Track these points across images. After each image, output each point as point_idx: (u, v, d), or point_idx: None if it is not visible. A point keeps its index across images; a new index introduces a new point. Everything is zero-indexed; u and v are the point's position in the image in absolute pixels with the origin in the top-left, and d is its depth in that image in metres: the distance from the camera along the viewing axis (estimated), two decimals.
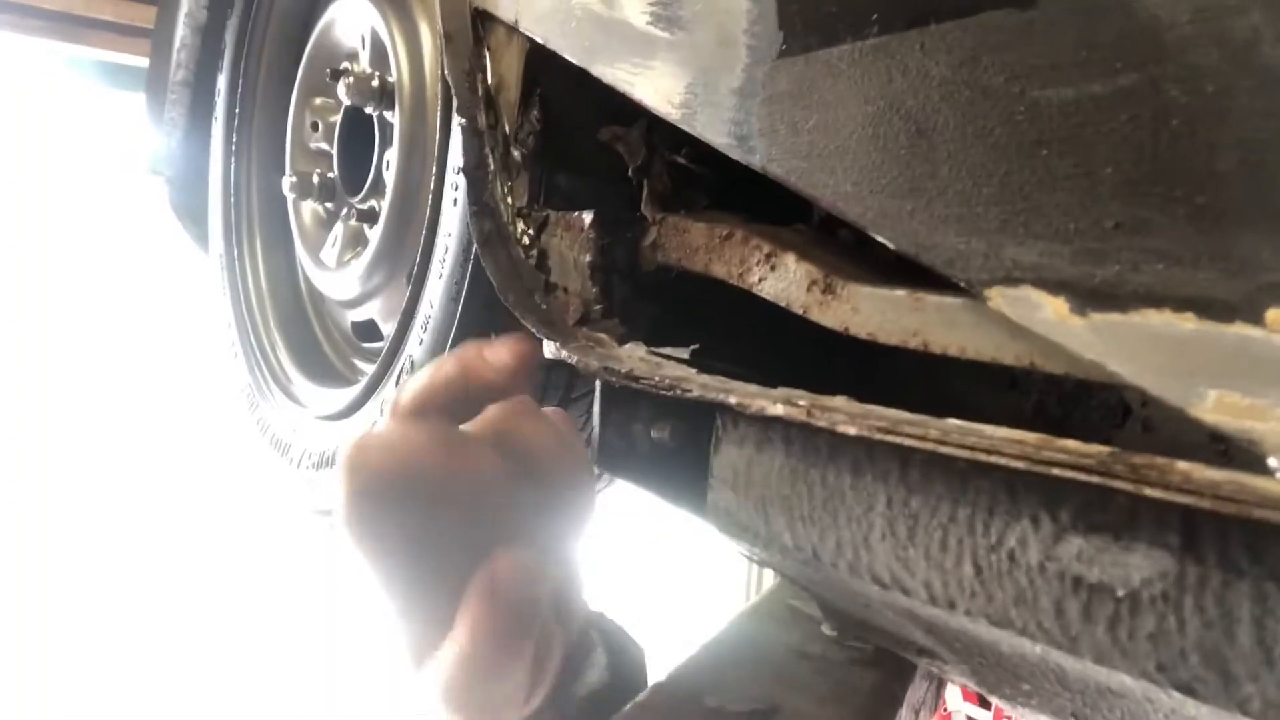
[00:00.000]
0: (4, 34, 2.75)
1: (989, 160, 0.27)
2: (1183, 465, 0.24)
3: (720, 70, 0.36)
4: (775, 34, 0.34)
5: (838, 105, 0.31)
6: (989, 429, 0.28)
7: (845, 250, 0.39)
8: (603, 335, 0.43)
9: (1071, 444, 0.26)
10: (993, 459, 0.28)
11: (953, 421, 0.29)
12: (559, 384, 0.83)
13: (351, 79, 0.97)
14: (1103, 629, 0.27)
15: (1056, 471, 0.26)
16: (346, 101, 1.00)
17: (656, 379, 0.39)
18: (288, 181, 1.13)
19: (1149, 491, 0.24)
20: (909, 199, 0.29)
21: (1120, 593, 0.27)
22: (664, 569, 3.17)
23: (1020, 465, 0.27)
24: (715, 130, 0.36)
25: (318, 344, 1.25)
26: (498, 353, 0.42)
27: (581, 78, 0.45)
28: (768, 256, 0.36)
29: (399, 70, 0.91)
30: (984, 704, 2.69)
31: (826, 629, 0.58)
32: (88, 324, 3.75)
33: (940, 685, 0.64)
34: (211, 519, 3.54)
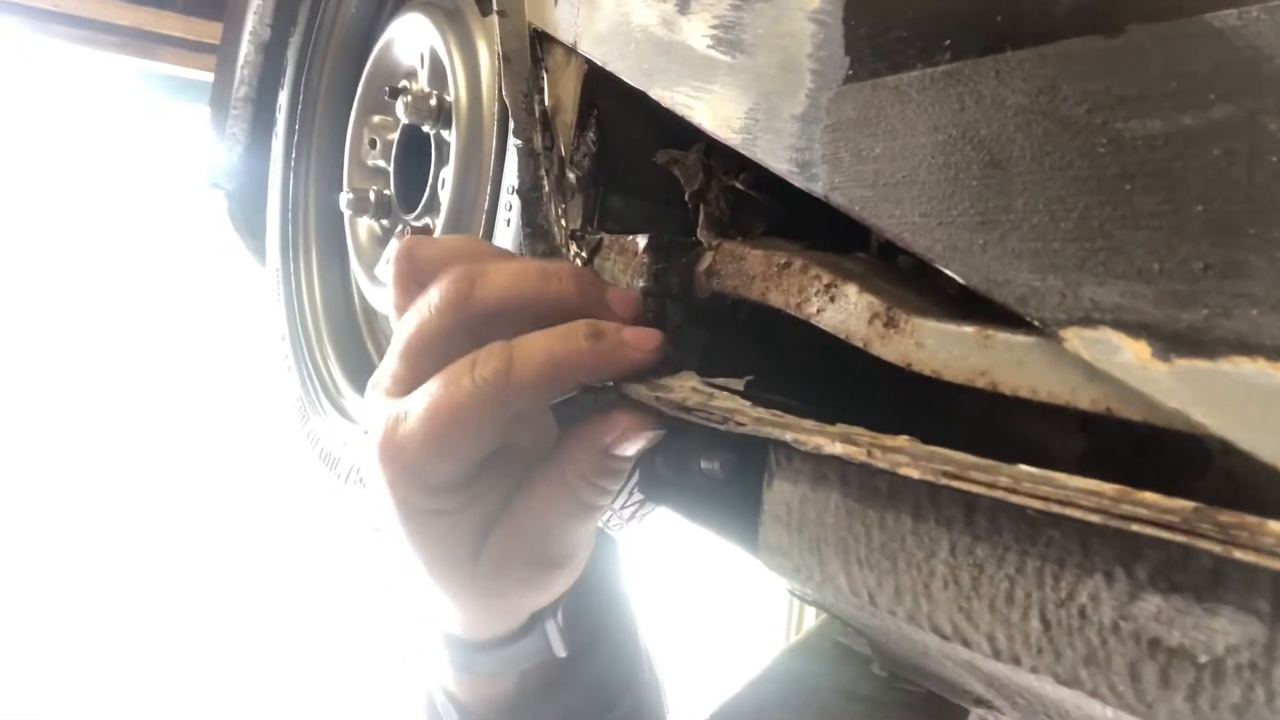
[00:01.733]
0: (79, 48, 2.84)
1: (1068, 194, 0.26)
2: (1276, 526, 0.22)
3: (783, 95, 0.35)
4: (842, 59, 0.33)
5: (906, 133, 0.30)
6: (1063, 477, 0.27)
7: (908, 281, 0.37)
8: None
9: (1152, 497, 0.25)
10: (1066, 510, 0.26)
11: (1024, 468, 0.27)
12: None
13: (410, 97, 0.98)
14: (1182, 697, 0.25)
15: (1136, 527, 0.24)
16: (404, 120, 1.01)
17: (709, 410, 0.38)
18: (345, 198, 1.14)
19: (1238, 554, 0.22)
20: (981, 232, 0.28)
21: (1203, 659, 0.25)
22: (705, 598, 3.14)
23: (1095, 519, 0.26)
24: (776, 156, 0.35)
25: (370, 360, 1.26)
26: (622, 301, 0.42)
27: (639, 101, 0.45)
28: (827, 287, 0.35)
29: (456, 89, 0.91)
30: None
31: (877, 669, 0.56)
32: (145, 334, 3.83)
33: None
34: (256, 530, 3.59)
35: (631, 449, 0.42)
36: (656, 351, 0.41)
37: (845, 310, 0.34)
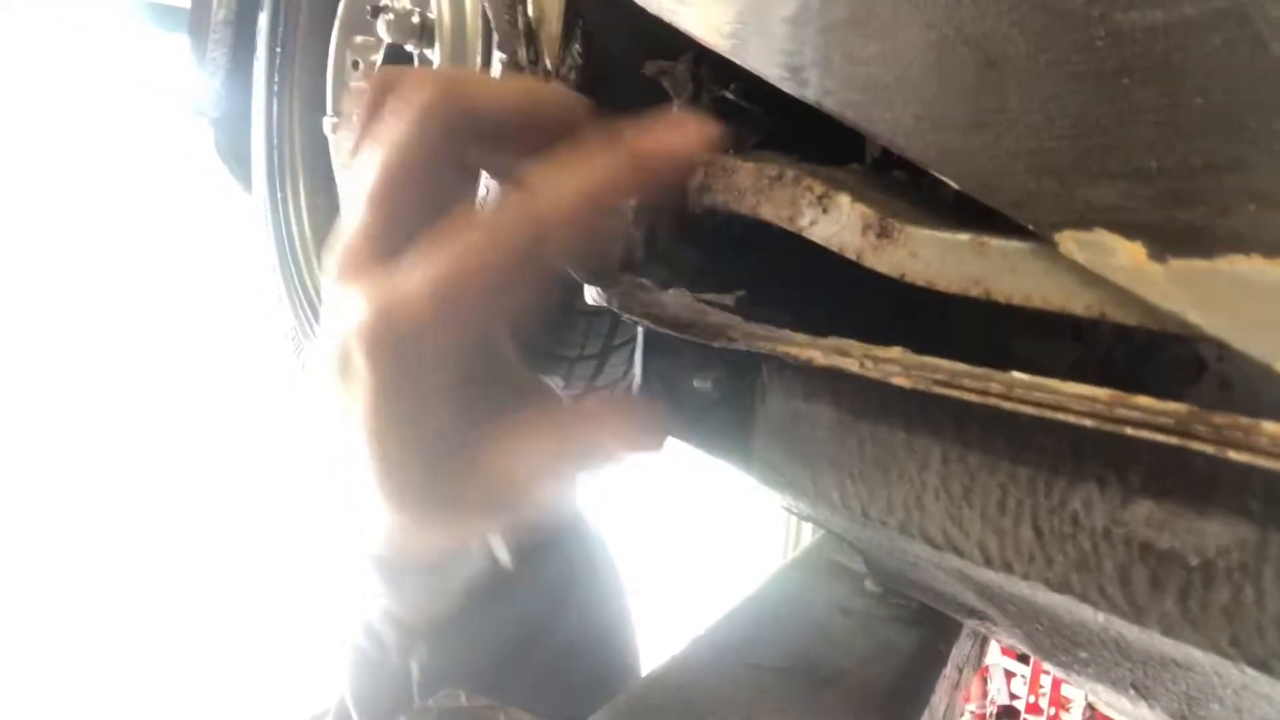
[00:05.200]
0: None
1: (1064, 92, 0.25)
2: (1270, 426, 0.22)
3: None
4: None
5: (898, 33, 0.29)
6: (1055, 383, 0.26)
7: (902, 191, 0.37)
8: (646, 280, 0.41)
9: (1146, 401, 0.24)
10: (1059, 415, 0.26)
11: (1017, 375, 0.27)
12: (601, 331, 0.82)
13: (391, 15, 0.96)
14: (1172, 599, 0.25)
15: (1129, 431, 0.24)
16: (387, 39, 0.98)
17: (701, 326, 0.37)
18: (329, 121, 1.12)
19: (1233, 454, 0.22)
20: (975, 134, 0.27)
21: (1193, 561, 0.25)
22: (702, 521, 3.17)
23: (1089, 423, 0.25)
24: (767, 62, 0.34)
25: None
26: (682, 133, 0.36)
27: (625, 9, 0.43)
28: (820, 198, 0.34)
29: (439, 6, 0.89)
30: (1022, 658, 2.68)
31: (870, 585, 0.57)
32: (130, 268, 3.80)
33: (985, 643, 0.63)
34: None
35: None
36: (707, 142, 0.35)
37: (838, 222, 0.34)
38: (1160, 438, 0.24)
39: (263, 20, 1.28)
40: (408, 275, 0.32)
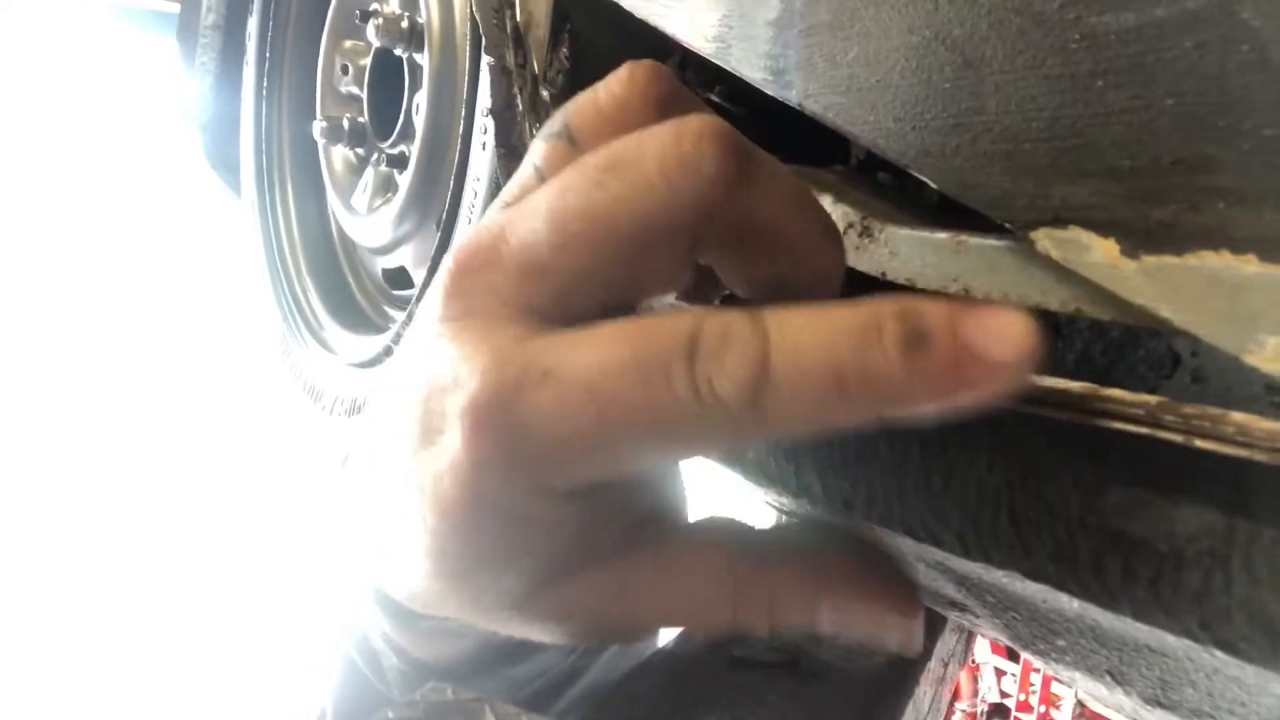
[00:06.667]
0: None
1: (1040, 93, 0.26)
2: (1237, 416, 0.23)
3: (756, 1, 0.35)
4: None
5: (880, 36, 0.30)
6: (1033, 378, 0.27)
7: (885, 192, 0.37)
8: None
9: (1118, 393, 0.25)
10: (1035, 409, 0.26)
11: None
12: None
13: (381, 20, 0.96)
14: (1144, 586, 0.26)
15: (1102, 422, 0.25)
16: (376, 43, 0.99)
17: None
18: (318, 126, 1.13)
19: (1200, 443, 0.23)
20: (953, 135, 0.28)
21: (1164, 548, 0.26)
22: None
23: (1064, 416, 0.26)
24: (750, 65, 0.35)
25: (349, 291, 1.25)
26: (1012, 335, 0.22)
27: (612, 13, 0.44)
28: None
29: (428, 10, 0.90)
30: (1012, 656, 2.69)
31: None
32: (125, 273, 3.78)
33: (970, 638, 0.63)
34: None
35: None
36: (1025, 369, 0.22)
37: None
38: (1132, 428, 0.24)
39: (252, 25, 1.28)
40: (562, 366, 0.24)
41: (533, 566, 0.28)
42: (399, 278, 1.12)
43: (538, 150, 0.30)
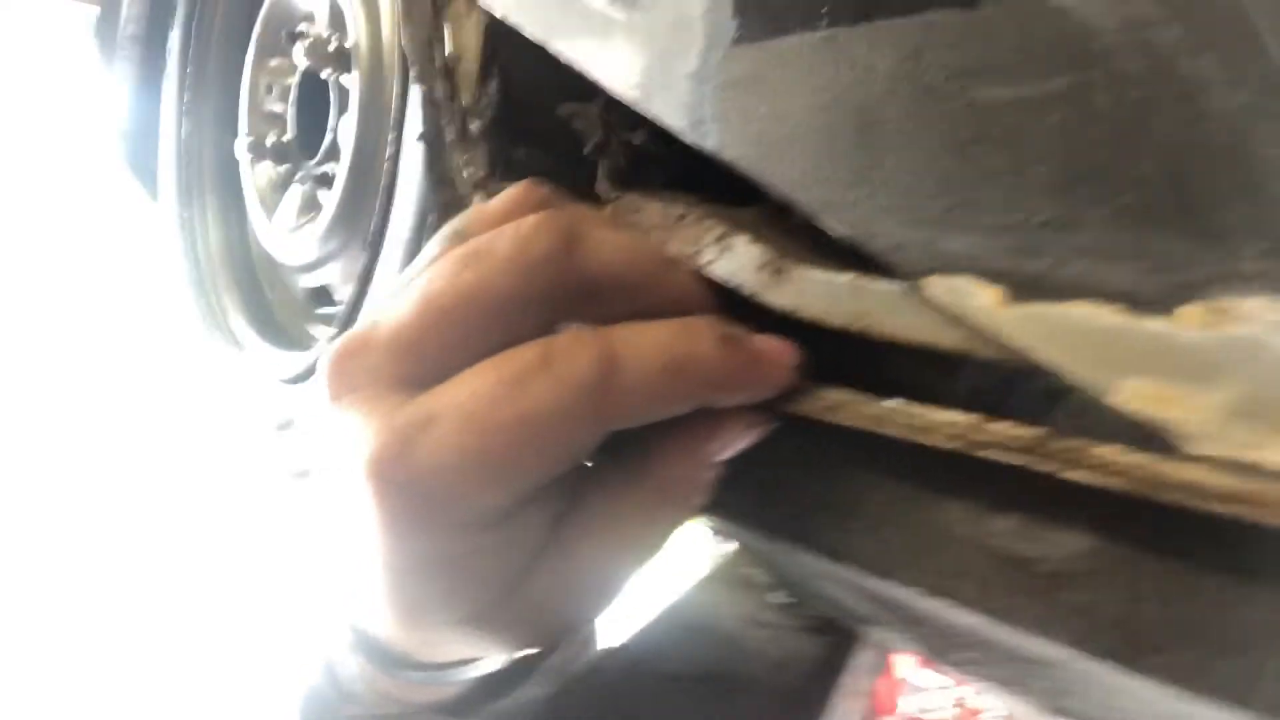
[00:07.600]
0: None
1: (930, 155, 0.29)
2: (1100, 449, 0.25)
3: (676, 54, 0.37)
4: (730, 21, 0.35)
5: (789, 94, 0.32)
6: (925, 410, 0.30)
7: (800, 233, 0.40)
8: None
9: (1002, 426, 0.28)
10: (927, 439, 0.29)
11: (890, 403, 0.30)
12: None
13: (308, 41, 0.96)
14: (1028, 601, 0.29)
15: (986, 454, 0.27)
16: (302, 64, 0.99)
17: None
18: (242, 143, 1.12)
19: (1069, 474, 0.26)
20: (854, 189, 0.30)
21: (1045, 568, 0.28)
22: None
23: (954, 445, 0.29)
24: (670, 113, 0.37)
25: (270, 310, 1.24)
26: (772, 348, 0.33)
27: (542, 53, 0.46)
28: (719, 238, 0.37)
29: (357, 34, 0.90)
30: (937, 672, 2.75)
31: (773, 598, 0.60)
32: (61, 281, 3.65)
33: (885, 652, 0.66)
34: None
35: (733, 451, 0.34)
36: (795, 372, 0.32)
37: (736, 260, 0.36)
38: (1011, 459, 0.27)
39: (174, 39, 1.26)
40: (439, 410, 0.28)
41: (484, 592, 0.31)
42: (322, 295, 1.12)
43: (435, 244, 0.34)
